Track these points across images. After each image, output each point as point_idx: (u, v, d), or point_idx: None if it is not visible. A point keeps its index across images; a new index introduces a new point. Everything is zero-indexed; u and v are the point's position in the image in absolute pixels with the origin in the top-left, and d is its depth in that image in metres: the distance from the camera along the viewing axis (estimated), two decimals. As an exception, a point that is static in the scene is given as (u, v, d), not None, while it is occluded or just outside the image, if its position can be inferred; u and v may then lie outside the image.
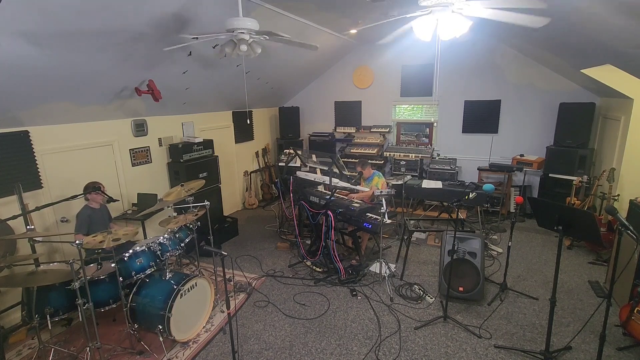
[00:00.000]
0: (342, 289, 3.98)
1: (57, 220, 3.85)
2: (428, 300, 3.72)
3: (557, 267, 2.60)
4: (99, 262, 3.15)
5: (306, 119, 7.77)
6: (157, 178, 5.14)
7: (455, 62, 6.15)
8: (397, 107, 7.01)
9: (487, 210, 5.89)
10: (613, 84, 4.33)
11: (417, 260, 4.62)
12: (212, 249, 2.42)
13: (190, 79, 4.55)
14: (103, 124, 4.32)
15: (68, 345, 3.15)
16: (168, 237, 3.42)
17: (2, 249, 3.23)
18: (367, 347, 3.07)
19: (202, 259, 4.58)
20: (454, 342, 3.10)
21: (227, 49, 2.74)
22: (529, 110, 5.93)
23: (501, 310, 3.50)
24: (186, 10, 3.17)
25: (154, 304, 3.00)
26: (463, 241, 3.59)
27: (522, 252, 4.74)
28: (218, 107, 6.14)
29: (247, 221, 6.28)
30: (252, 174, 7.19)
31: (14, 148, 3.46)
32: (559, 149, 5.36)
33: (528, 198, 3.88)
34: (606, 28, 3.08)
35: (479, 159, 6.21)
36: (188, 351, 3.06)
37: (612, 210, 2.41)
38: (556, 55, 4.85)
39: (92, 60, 3.24)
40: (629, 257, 3.17)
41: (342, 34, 5.45)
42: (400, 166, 6.46)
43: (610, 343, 2.99)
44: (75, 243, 2.51)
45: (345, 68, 7.17)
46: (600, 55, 3.84)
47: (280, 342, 3.17)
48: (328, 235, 4.10)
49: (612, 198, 4.36)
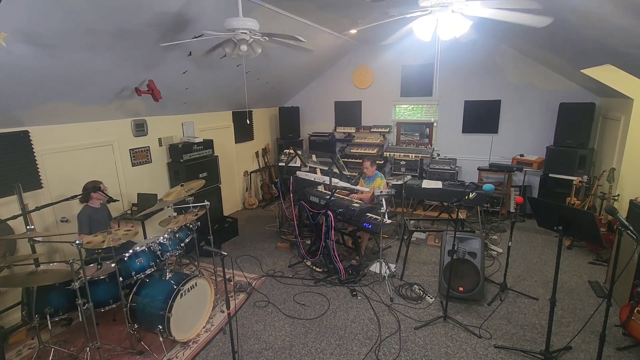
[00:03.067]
0: (342, 289, 3.98)
1: (57, 220, 3.85)
2: (428, 300, 3.72)
3: (557, 267, 2.60)
4: (99, 262, 3.14)
5: (306, 119, 7.77)
6: (157, 178, 5.14)
7: (455, 62, 6.15)
8: (397, 107, 7.02)
9: (487, 210, 5.89)
10: (613, 84, 4.33)
11: (417, 260, 4.62)
12: (212, 249, 2.42)
13: (190, 79, 4.55)
14: (103, 124, 4.32)
15: (68, 345, 3.15)
16: (168, 237, 3.41)
17: (2, 249, 3.23)
18: (367, 347, 3.07)
19: (202, 259, 4.58)
20: (454, 342, 3.10)
21: (227, 49, 2.74)
22: (528, 110, 5.93)
23: (501, 310, 3.50)
24: (186, 10, 3.17)
25: (154, 304, 3.00)
26: (463, 241, 3.59)
27: (522, 252, 4.74)
28: (218, 107, 6.14)
29: (247, 221, 6.28)
30: (252, 174, 7.19)
31: (14, 148, 3.46)
32: (559, 149, 5.36)
33: (528, 198, 3.88)
34: (606, 28, 3.08)
35: (479, 159, 6.21)
36: (188, 351, 3.06)
37: (612, 210, 2.41)
38: (556, 55, 4.85)
39: (92, 60, 3.24)
40: (629, 257, 3.17)
41: (342, 34, 5.45)
42: (400, 166, 6.46)
43: (610, 343, 2.98)
44: (75, 243, 2.51)
45: (345, 68, 7.17)
46: (600, 55, 3.84)
47: (280, 342, 3.17)
48: (328, 235, 4.10)
49: (612, 198, 4.36)
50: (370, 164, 4.56)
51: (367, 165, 4.56)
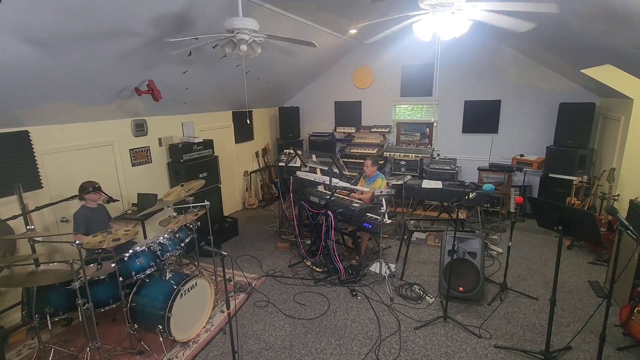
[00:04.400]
0: (342, 289, 3.98)
1: (57, 220, 3.85)
2: (428, 300, 3.72)
3: (557, 267, 2.60)
4: (99, 262, 3.14)
5: (306, 119, 7.77)
6: (157, 178, 5.14)
7: (455, 62, 6.15)
8: (397, 107, 7.01)
9: (487, 210, 5.89)
10: (613, 84, 4.33)
11: (417, 260, 4.62)
12: (212, 249, 2.42)
13: (190, 79, 4.55)
14: (103, 124, 4.31)
15: (68, 345, 3.15)
16: (168, 237, 3.41)
17: (2, 249, 3.23)
18: (367, 347, 3.07)
19: (202, 259, 4.58)
20: (454, 342, 3.10)
21: (227, 49, 2.74)
22: (528, 110, 5.93)
23: (501, 310, 3.50)
24: (186, 10, 3.17)
25: (154, 304, 3.00)
26: (463, 241, 3.59)
27: (522, 252, 4.74)
28: (218, 107, 6.14)
29: (247, 221, 6.28)
30: (252, 174, 7.19)
31: (14, 148, 3.45)
32: (559, 149, 5.36)
33: (528, 198, 3.88)
34: (606, 28, 3.07)
35: (479, 159, 6.21)
36: (188, 351, 3.06)
37: (612, 210, 2.41)
38: (556, 55, 4.85)
39: (92, 60, 3.24)
40: (629, 257, 3.17)
41: (342, 34, 5.45)
42: (400, 166, 6.46)
43: (610, 343, 2.98)
44: (75, 243, 2.51)
45: (345, 68, 7.16)
46: (600, 55, 3.84)
47: (280, 342, 3.17)
48: (328, 235, 4.10)
49: (612, 198, 4.36)
50: (372, 163, 4.56)
51: (369, 164, 4.56)
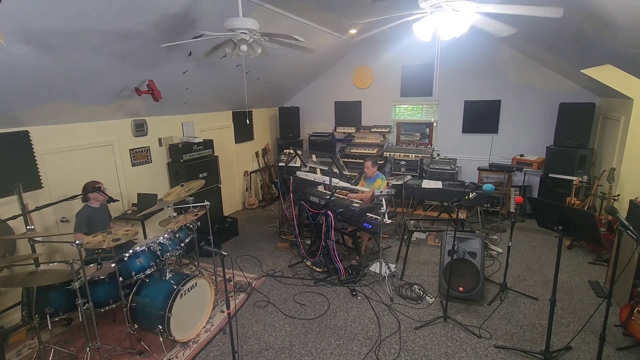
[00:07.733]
0: (342, 289, 3.98)
1: (57, 220, 3.85)
2: (428, 300, 3.72)
3: (557, 267, 2.60)
4: (99, 262, 3.14)
5: (306, 119, 7.77)
6: (157, 178, 5.14)
7: (455, 62, 6.15)
8: (397, 107, 7.01)
9: (487, 210, 5.89)
10: (613, 84, 4.33)
11: (417, 260, 4.62)
12: (212, 249, 2.42)
13: (190, 79, 4.55)
14: (103, 124, 4.32)
15: (68, 345, 3.15)
16: (168, 237, 3.41)
17: (2, 249, 3.23)
18: (367, 347, 3.07)
19: (202, 259, 4.58)
20: (454, 342, 3.10)
21: (227, 49, 2.74)
22: (528, 110, 5.93)
23: (501, 310, 3.50)
24: (186, 10, 3.17)
25: (154, 304, 3.00)
26: (463, 241, 3.59)
27: (522, 252, 4.74)
28: (218, 107, 6.14)
29: (247, 221, 6.28)
30: (252, 174, 7.19)
31: (14, 148, 3.46)
32: (559, 149, 5.36)
33: (528, 198, 3.88)
34: (606, 28, 3.07)
35: (479, 159, 6.21)
36: (188, 351, 3.06)
37: (612, 210, 2.41)
38: (556, 55, 4.85)
39: (92, 60, 3.24)
40: (629, 257, 3.17)
41: (342, 34, 5.44)
42: (400, 166, 6.46)
43: (610, 343, 2.98)
44: (75, 243, 2.51)
45: (345, 68, 7.17)
46: (600, 55, 3.84)
47: (280, 342, 3.17)
48: (328, 235, 4.10)
49: (612, 198, 4.36)
50: (372, 164, 4.56)
51: (369, 165, 4.56)
